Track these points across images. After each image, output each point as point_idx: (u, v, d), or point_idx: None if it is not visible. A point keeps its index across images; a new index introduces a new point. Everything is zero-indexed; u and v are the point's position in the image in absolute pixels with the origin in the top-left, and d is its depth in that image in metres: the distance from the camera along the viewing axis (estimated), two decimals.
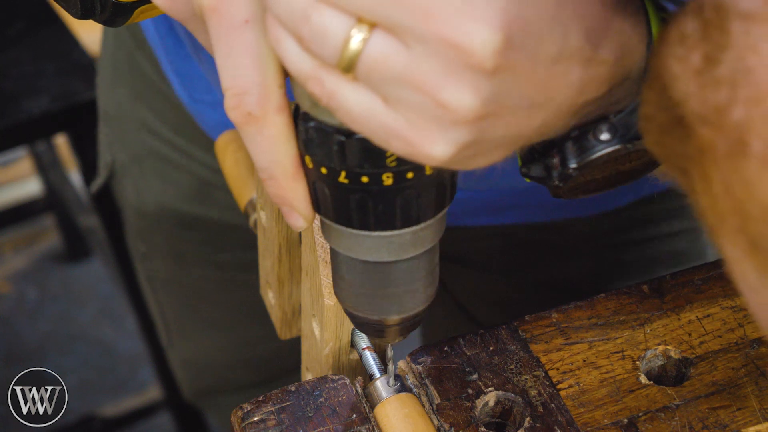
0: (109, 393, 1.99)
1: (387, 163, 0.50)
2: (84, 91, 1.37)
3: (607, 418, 0.63)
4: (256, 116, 0.51)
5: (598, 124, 0.52)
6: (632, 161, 0.55)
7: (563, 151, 0.53)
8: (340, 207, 0.53)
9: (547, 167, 0.54)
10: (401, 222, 0.53)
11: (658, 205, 0.94)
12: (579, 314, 0.69)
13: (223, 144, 0.82)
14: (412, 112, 0.47)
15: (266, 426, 0.63)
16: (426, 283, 0.58)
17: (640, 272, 0.96)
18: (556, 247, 0.96)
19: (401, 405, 0.62)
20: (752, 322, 0.68)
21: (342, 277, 0.58)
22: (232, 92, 0.51)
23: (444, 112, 0.46)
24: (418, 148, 0.47)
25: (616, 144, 0.52)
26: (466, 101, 0.46)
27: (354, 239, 0.54)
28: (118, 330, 2.11)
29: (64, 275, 2.21)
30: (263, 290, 0.80)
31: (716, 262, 0.72)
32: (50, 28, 1.45)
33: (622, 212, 0.93)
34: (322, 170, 0.52)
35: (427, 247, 0.56)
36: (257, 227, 0.76)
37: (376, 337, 0.61)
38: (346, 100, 0.47)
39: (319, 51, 0.46)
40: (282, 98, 0.52)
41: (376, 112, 0.47)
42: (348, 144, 0.50)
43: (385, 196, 0.52)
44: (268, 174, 0.53)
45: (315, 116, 0.51)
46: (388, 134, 0.48)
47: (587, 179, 0.55)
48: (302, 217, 0.55)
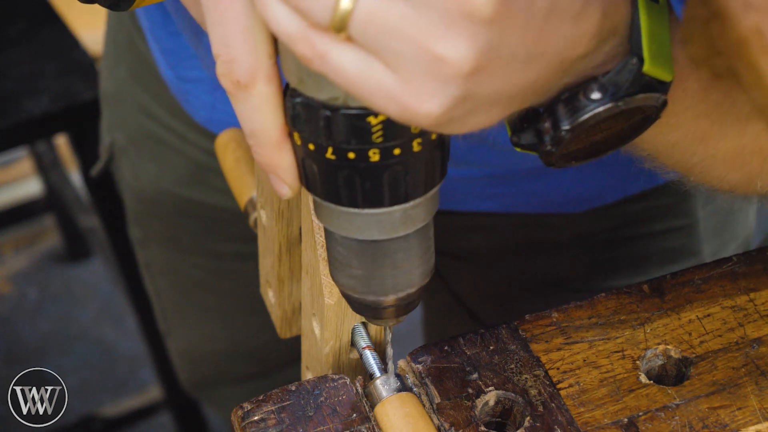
0: (109, 393, 1.99)
1: (373, 139, 0.50)
2: (84, 91, 1.37)
3: (607, 417, 0.63)
4: (244, 84, 0.51)
5: (588, 83, 0.52)
6: (622, 123, 0.55)
7: (555, 113, 0.53)
8: (329, 184, 0.53)
9: (538, 132, 0.54)
10: (390, 199, 0.53)
11: (649, 202, 0.94)
12: (579, 314, 0.69)
13: (223, 143, 0.82)
14: (407, 68, 0.46)
15: (266, 425, 0.63)
16: (420, 263, 0.58)
17: (632, 269, 0.97)
18: (546, 244, 0.97)
19: (401, 404, 0.62)
20: (752, 322, 0.68)
21: (336, 258, 0.58)
22: (222, 59, 0.51)
23: (440, 66, 0.46)
24: (412, 107, 0.47)
25: (607, 102, 0.52)
26: (462, 53, 0.45)
27: (344, 217, 0.54)
28: (118, 330, 2.11)
29: (65, 275, 2.21)
30: (263, 289, 0.80)
31: (717, 262, 0.72)
32: (50, 28, 1.45)
33: (611, 210, 0.93)
34: (309, 146, 0.52)
35: (418, 226, 0.55)
36: (257, 226, 0.76)
37: (374, 319, 0.61)
38: (338, 61, 0.47)
39: (309, 11, 0.46)
40: (271, 68, 0.52)
41: (370, 70, 0.47)
42: (334, 119, 0.50)
43: (372, 173, 0.52)
44: (255, 141, 0.54)
45: (302, 92, 0.51)
46: (381, 94, 0.47)
47: (579, 144, 0.55)
48: (288, 185, 0.55)
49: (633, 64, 0.51)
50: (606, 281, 0.97)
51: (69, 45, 1.43)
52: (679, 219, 0.96)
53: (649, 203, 0.94)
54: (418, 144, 0.51)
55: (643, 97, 0.52)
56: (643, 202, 0.94)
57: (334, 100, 0.50)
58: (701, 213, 0.96)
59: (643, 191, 0.93)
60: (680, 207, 0.95)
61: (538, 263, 0.98)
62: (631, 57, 0.51)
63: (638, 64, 0.51)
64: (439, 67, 0.46)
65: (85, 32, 1.85)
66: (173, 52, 0.93)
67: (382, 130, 0.50)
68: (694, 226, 0.96)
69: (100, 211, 1.52)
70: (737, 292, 0.70)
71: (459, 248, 0.99)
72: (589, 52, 0.50)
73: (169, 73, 0.95)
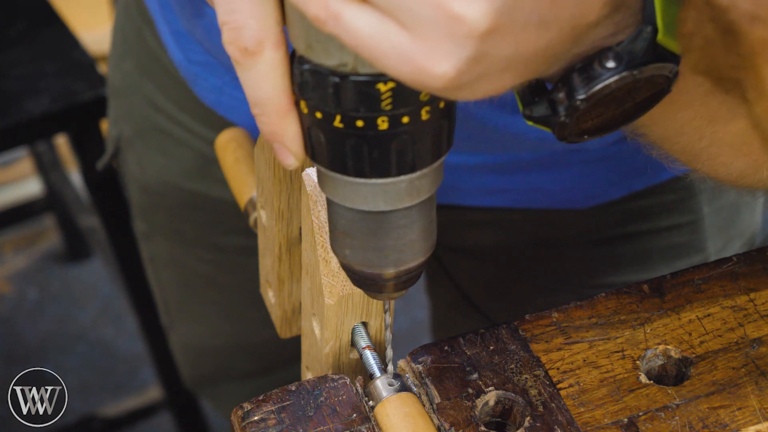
0: (110, 393, 1.99)
1: (382, 107, 0.50)
2: (84, 91, 1.37)
3: (608, 417, 0.63)
4: (252, 51, 0.51)
5: (602, 52, 0.52)
6: (635, 95, 0.54)
7: (569, 83, 0.53)
8: (335, 153, 0.52)
9: (552, 103, 0.54)
10: (397, 169, 0.52)
11: (653, 198, 0.94)
12: (579, 314, 0.69)
13: (223, 142, 0.82)
14: (423, 28, 0.46)
15: (266, 425, 0.63)
16: (423, 236, 0.57)
17: (637, 265, 0.97)
18: (551, 241, 0.97)
19: (401, 404, 0.62)
20: (752, 322, 0.68)
21: (338, 230, 0.57)
22: (228, 27, 0.51)
23: (456, 25, 0.45)
24: (426, 68, 0.47)
25: (622, 71, 0.52)
26: (479, 12, 0.45)
27: (349, 187, 0.54)
28: (118, 330, 2.11)
29: (65, 275, 2.21)
30: (263, 289, 0.80)
31: (717, 262, 0.72)
32: (50, 28, 1.45)
33: (616, 206, 0.93)
34: (317, 115, 0.51)
35: (423, 198, 0.55)
36: (257, 226, 0.76)
37: (374, 292, 0.60)
38: (352, 22, 0.46)
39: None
40: (279, 34, 0.51)
41: (384, 31, 0.46)
42: (343, 86, 0.49)
43: (380, 141, 0.51)
44: (260, 110, 0.53)
45: (310, 59, 0.50)
46: (395, 55, 0.47)
47: (592, 116, 0.54)
48: (293, 155, 0.54)
49: (648, 32, 0.51)
50: (611, 277, 0.97)
51: (69, 45, 1.43)
52: (684, 215, 0.96)
53: (654, 199, 0.94)
54: (427, 112, 0.51)
55: (657, 66, 0.52)
56: (649, 198, 0.94)
57: (343, 66, 0.49)
58: (706, 209, 0.96)
59: (648, 187, 0.93)
60: (685, 203, 0.95)
61: (543, 259, 0.98)
62: (645, 26, 0.51)
63: (652, 32, 0.51)
64: (455, 26, 0.46)
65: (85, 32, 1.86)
66: (183, 34, 0.93)
67: (391, 97, 0.50)
68: (700, 223, 0.96)
69: (100, 211, 1.52)
70: (737, 292, 0.70)
71: (465, 244, 0.99)
72: (600, 19, 0.50)
73: (179, 55, 0.95)
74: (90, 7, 2.19)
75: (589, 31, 0.50)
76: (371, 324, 0.66)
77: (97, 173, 1.45)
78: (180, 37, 0.94)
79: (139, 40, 1.02)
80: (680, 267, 0.73)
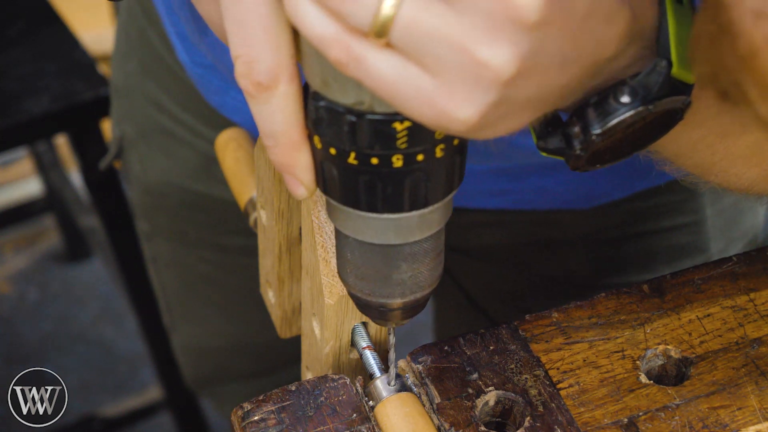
0: (110, 393, 1.99)
1: (398, 145, 0.50)
2: (84, 91, 1.37)
3: (608, 417, 0.63)
4: (266, 85, 0.50)
5: (617, 87, 0.52)
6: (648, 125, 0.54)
7: (584, 117, 0.52)
8: (348, 188, 0.52)
9: (567, 137, 0.54)
10: (409, 204, 0.53)
11: (657, 198, 0.94)
12: (579, 314, 0.69)
13: (223, 142, 0.82)
14: (448, 73, 0.45)
15: (266, 425, 0.63)
16: (431, 267, 0.57)
17: (641, 266, 0.97)
18: (555, 241, 0.97)
19: (401, 404, 0.62)
20: (752, 322, 0.68)
21: (346, 259, 0.57)
22: (242, 60, 0.50)
23: (482, 71, 0.45)
24: (449, 112, 0.46)
25: (637, 106, 0.52)
26: (505, 58, 0.45)
27: (361, 221, 0.54)
28: (118, 330, 2.11)
29: (65, 275, 2.21)
30: (263, 289, 0.80)
31: (717, 262, 0.72)
32: (50, 28, 1.45)
33: (620, 206, 0.93)
34: (331, 150, 0.51)
35: (433, 231, 0.55)
36: (257, 226, 0.76)
37: (379, 320, 0.60)
38: (376, 66, 0.46)
39: (348, 15, 0.45)
40: (293, 68, 0.51)
41: (408, 76, 0.46)
42: (359, 125, 0.49)
43: (394, 178, 0.51)
44: (273, 142, 0.53)
45: (326, 95, 0.50)
46: (419, 99, 0.46)
47: (605, 148, 0.54)
48: (304, 186, 0.54)
49: (663, 67, 0.51)
50: (614, 278, 0.97)
51: (69, 45, 1.43)
52: (687, 215, 0.96)
53: (657, 200, 0.94)
54: (441, 150, 0.51)
55: (671, 99, 0.52)
56: (652, 198, 0.94)
57: (360, 104, 0.49)
58: (709, 210, 0.96)
59: (652, 188, 0.93)
60: (688, 204, 0.95)
61: (547, 260, 0.98)
62: (659, 60, 0.51)
63: (667, 66, 0.51)
64: (480, 72, 0.45)
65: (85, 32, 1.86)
66: (188, 37, 0.93)
67: (407, 135, 0.50)
68: (702, 223, 0.96)
69: (100, 211, 1.52)
70: (737, 292, 0.70)
71: (468, 245, 0.99)
72: (618, 54, 0.50)
73: (185, 56, 0.95)
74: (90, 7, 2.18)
75: (607, 64, 0.50)
76: (371, 324, 0.66)
77: (97, 173, 1.45)
78: (185, 39, 0.94)
79: (143, 41, 1.02)
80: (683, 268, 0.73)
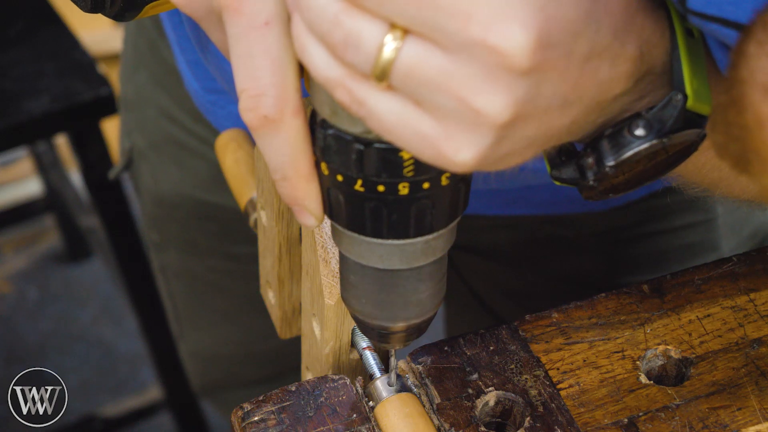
0: (110, 393, 1.99)
1: (404, 173, 0.50)
2: (84, 91, 1.37)
3: (608, 417, 0.63)
4: (272, 119, 0.51)
5: (632, 119, 0.52)
6: (662, 157, 0.54)
7: (598, 149, 0.53)
8: (354, 214, 0.53)
9: (580, 168, 0.54)
10: (415, 231, 0.53)
11: (670, 198, 0.94)
12: (579, 314, 0.69)
13: (223, 143, 0.82)
14: (445, 118, 0.46)
15: (266, 426, 0.63)
16: (433, 292, 0.58)
17: (654, 265, 0.97)
18: (568, 240, 0.96)
19: (401, 404, 0.62)
20: (752, 322, 0.68)
21: (350, 282, 0.58)
22: (248, 94, 0.51)
23: (478, 118, 0.46)
24: (447, 154, 0.47)
25: (652, 139, 0.52)
26: (499, 106, 0.46)
27: (366, 246, 0.54)
28: (118, 330, 2.11)
29: (65, 275, 2.21)
30: (263, 289, 0.80)
31: (717, 262, 0.72)
32: (50, 28, 1.45)
33: (633, 206, 0.93)
34: (338, 177, 0.52)
35: (437, 256, 0.56)
36: (257, 227, 0.76)
37: (381, 342, 0.61)
38: (377, 108, 0.47)
39: (351, 59, 0.46)
40: (298, 101, 0.51)
41: (408, 118, 0.47)
42: (367, 153, 0.50)
43: (400, 205, 0.52)
44: (281, 175, 0.53)
45: (334, 124, 0.51)
46: (418, 140, 0.47)
47: (621, 179, 0.55)
48: (314, 216, 0.55)
49: (678, 101, 0.51)
50: (627, 277, 0.97)
51: (69, 45, 1.43)
52: (699, 214, 0.96)
53: (669, 198, 0.94)
54: (447, 178, 0.52)
55: (686, 133, 0.52)
56: (664, 197, 0.94)
57: (367, 133, 0.50)
58: (720, 209, 0.96)
59: (666, 187, 0.93)
60: (700, 202, 0.95)
61: (559, 260, 0.98)
62: (675, 93, 0.51)
63: (683, 100, 0.51)
64: (476, 119, 0.46)
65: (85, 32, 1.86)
66: (200, 63, 0.93)
67: (413, 164, 0.50)
68: (714, 222, 0.96)
69: (100, 211, 1.52)
70: (737, 293, 0.70)
71: (480, 244, 0.98)
72: (626, 91, 0.50)
73: (195, 84, 0.95)
74: None
75: (614, 102, 0.51)
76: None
77: (97, 173, 1.45)
78: (196, 66, 0.94)
79: (153, 52, 1.02)
80: None
